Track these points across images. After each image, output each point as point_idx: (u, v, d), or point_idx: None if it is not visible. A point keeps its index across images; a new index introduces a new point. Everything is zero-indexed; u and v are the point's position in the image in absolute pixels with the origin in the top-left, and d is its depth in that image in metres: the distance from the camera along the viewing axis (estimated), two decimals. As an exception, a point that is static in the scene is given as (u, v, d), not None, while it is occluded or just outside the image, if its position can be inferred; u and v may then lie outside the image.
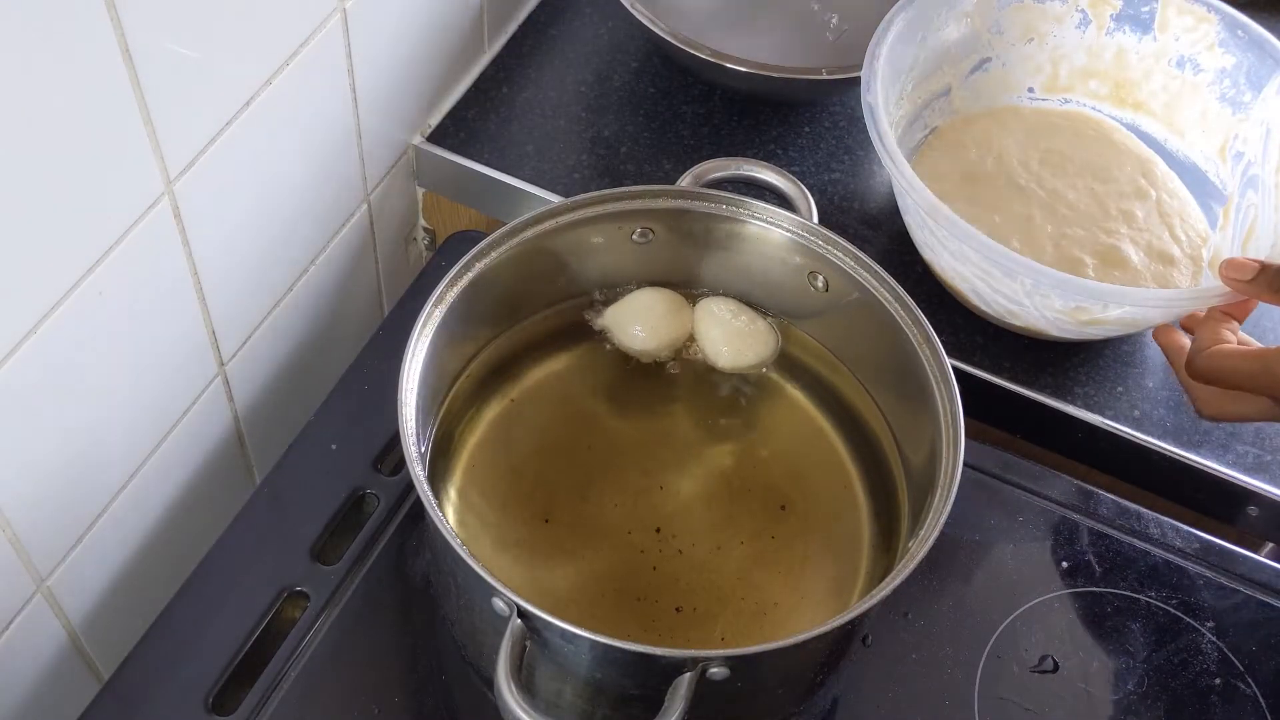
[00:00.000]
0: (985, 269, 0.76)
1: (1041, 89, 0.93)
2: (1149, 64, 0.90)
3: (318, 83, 0.75)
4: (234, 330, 0.77)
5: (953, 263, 0.79)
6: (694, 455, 0.74)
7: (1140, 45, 0.89)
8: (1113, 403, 0.82)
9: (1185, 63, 0.88)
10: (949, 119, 0.92)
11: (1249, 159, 0.85)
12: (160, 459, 0.75)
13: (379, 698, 0.69)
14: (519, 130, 0.92)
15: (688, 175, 0.75)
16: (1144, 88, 0.91)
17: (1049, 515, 0.79)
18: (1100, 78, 0.92)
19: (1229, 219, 0.86)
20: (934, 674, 0.72)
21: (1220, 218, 0.87)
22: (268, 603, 0.71)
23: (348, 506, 0.75)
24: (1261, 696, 0.72)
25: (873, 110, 0.78)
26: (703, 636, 0.67)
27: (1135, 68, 0.90)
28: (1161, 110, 0.91)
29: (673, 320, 0.76)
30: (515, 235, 0.70)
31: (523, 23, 0.98)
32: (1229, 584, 0.77)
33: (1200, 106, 0.88)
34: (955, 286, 0.82)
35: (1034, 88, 0.93)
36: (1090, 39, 0.90)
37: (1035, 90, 0.93)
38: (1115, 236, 0.85)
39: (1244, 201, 0.85)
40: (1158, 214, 0.87)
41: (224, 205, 0.71)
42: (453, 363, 0.71)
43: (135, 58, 0.59)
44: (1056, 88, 0.93)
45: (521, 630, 0.57)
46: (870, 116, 0.78)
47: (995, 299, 0.79)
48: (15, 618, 0.68)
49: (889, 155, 0.76)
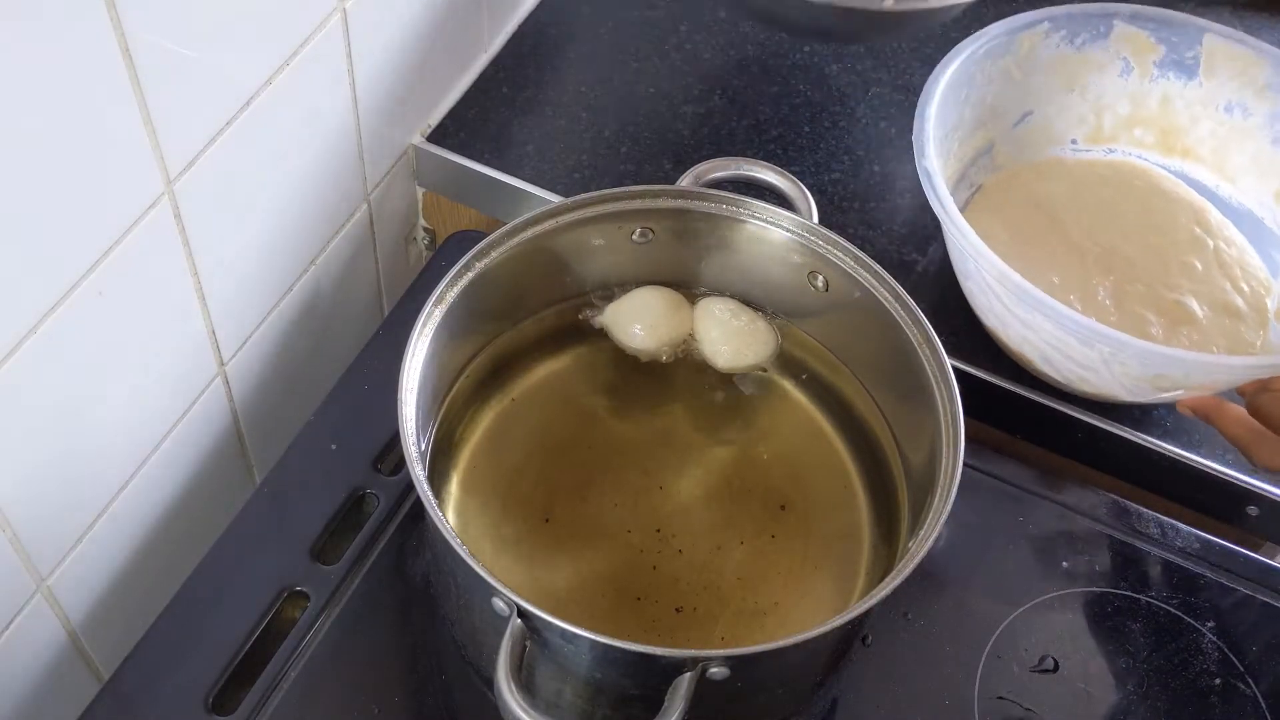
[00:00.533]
0: (1060, 337, 0.74)
1: (1085, 140, 0.91)
2: (1196, 110, 0.88)
3: (318, 83, 0.75)
4: (234, 330, 0.77)
5: (1023, 331, 0.76)
6: (694, 455, 0.74)
7: (1185, 91, 0.87)
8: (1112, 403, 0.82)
9: (1234, 107, 0.86)
10: (993, 175, 0.89)
11: None
12: (160, 459, 0.75)
13: (379, 698, 0.69)
14: (519, 130, 0.92)
15: (688, 175, 0.75)
16: (1191, 134, 0.89)
17: (1049, 515, 0.79)
18: (1145, 125, 0.90)
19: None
20: (934, 674, 0.72)
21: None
22: (268, 603, 0.71)
23: (348, 506, 0.75)
24: (1261, 696, 0.72)
25: (930, 176, 0.76)
26: (703, 636, 0.67)
27: (1182, 114, 0.88)
28: (1210, 156, 0.89)
29: (672, 319, 0.76)
30: (515, 235, 0.70)
31: (523, 22, 0.98)
32: (1229, 584, 0.77)
33: (1252, 150, 0.86)
34: (1020, 352, 0.79)
35: (1077, 139, 0.91)
36: (1134, 86, 0.88)
37: (1079, 141, 0.91)
38: (1177, 291, 0.83)
39: None
40: (1217, 264, 0.85)
41: (224, 205, 0.71)
42: (453, 363, 0.71)
43: (135, 58, 0.59)
44: (1101, 138, 0.91)
45: (521, 630, 0.57)
46: (928, 182, 0.75)
47: (1068, 366, 0.76)
48: (15, 618, 0.68)
49: (952, 222, 0.74)
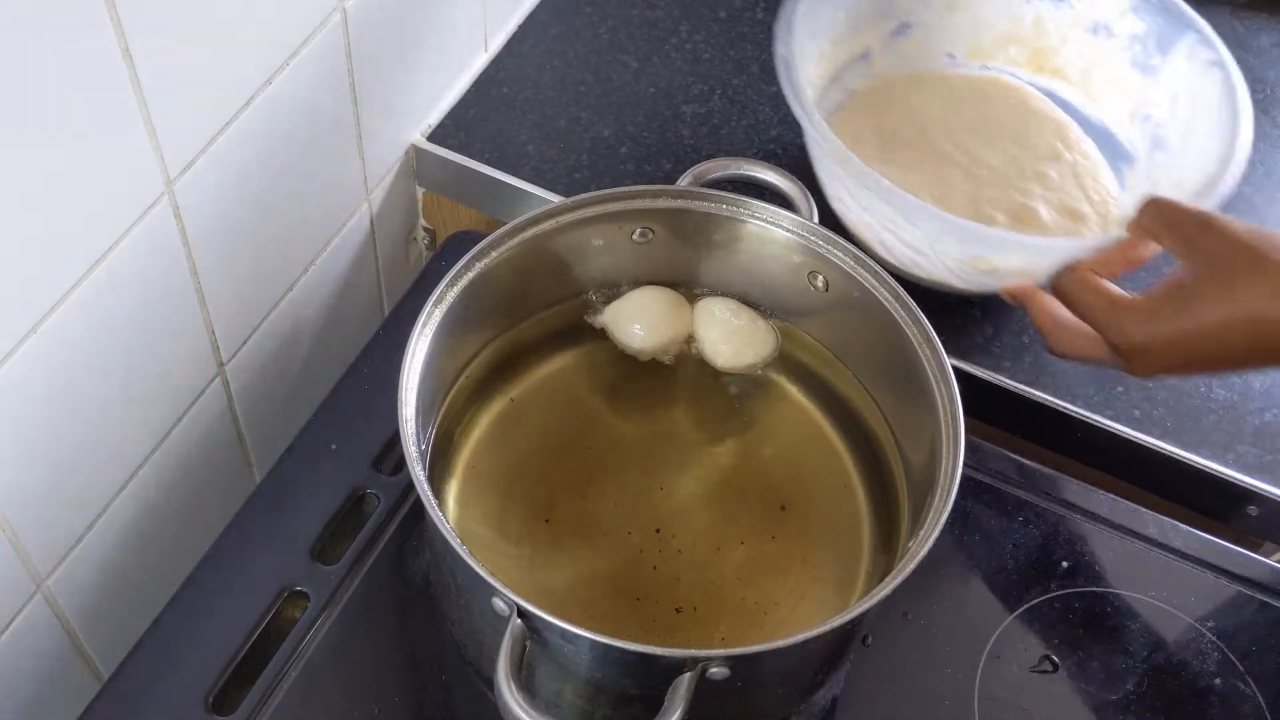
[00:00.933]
0: (891, 217, 0.77)
1: (963, 55, 0.94)
2: (1065, 30, 0.91)
3: (318, 83, 0.75)
4: (234, 330, 0.77)
5: (861, 214, 0.80)
6: (694, 455, 0.74)
7: (1057, 13, 0.91)
8: (1113, 403, 0.82)
9: (1100, 29, 0.89)
10: (869, 82, 0.92)
11: (1156, 121, 0.87)
12: (160, 459, 0.75)
13: (379, 698, 0.69)
14: (519, 130, 0.92)
15: (688, 175, 0.75)
16: (1061, 54, 0.92)
17: (1049, 515, 0.79)
18: (1020, 44, 0.93)
19: (1136, 179, 0.88)
20: (934, 674, 0.72)
21: (1129, 178, 0.89)
22: (268, 603, 0.71)
23: (348, 506, 0.75)
24: (1261, 696, 0.72)
25: (788, 63, 0.77)
26: (703, 636, 0.67)
27: (1053, 34, 0.92)
28: (1078, 76, 0.92)
29: (672, 319, 0.76)
30: (515, 235, 0.70)
31: (523, 22, 0.98)
32: (1229, 584, 0.77)
33: (1113, 72, 0.90)
34: (864, 238, 0.82)
35: (955, 54, 0.94)
36: (1011, 6, 0.92)
37: (957, 57, 0.94)
38: (1029, 196, 0.87)
39: (1151, 162, 0.87)
40: (1071, 175, 0.89)
41: (224, 205, 0.71)
42: (453, 363, 0.71)
43: (135, 58, 0.59)
44: (978, 54, 0.94)
45: (521, 630, 0.57)
46: (784, 69, 0.77)
47: (900, 248, 0.79)
48: (15, 618, 0.68)
49: (801, 106, 0.76)
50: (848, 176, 0.76)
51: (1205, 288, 0.65)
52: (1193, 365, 0.67)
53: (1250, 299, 0.63)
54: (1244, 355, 0.65)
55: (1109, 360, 0.70)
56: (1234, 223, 0.66)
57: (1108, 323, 0.68)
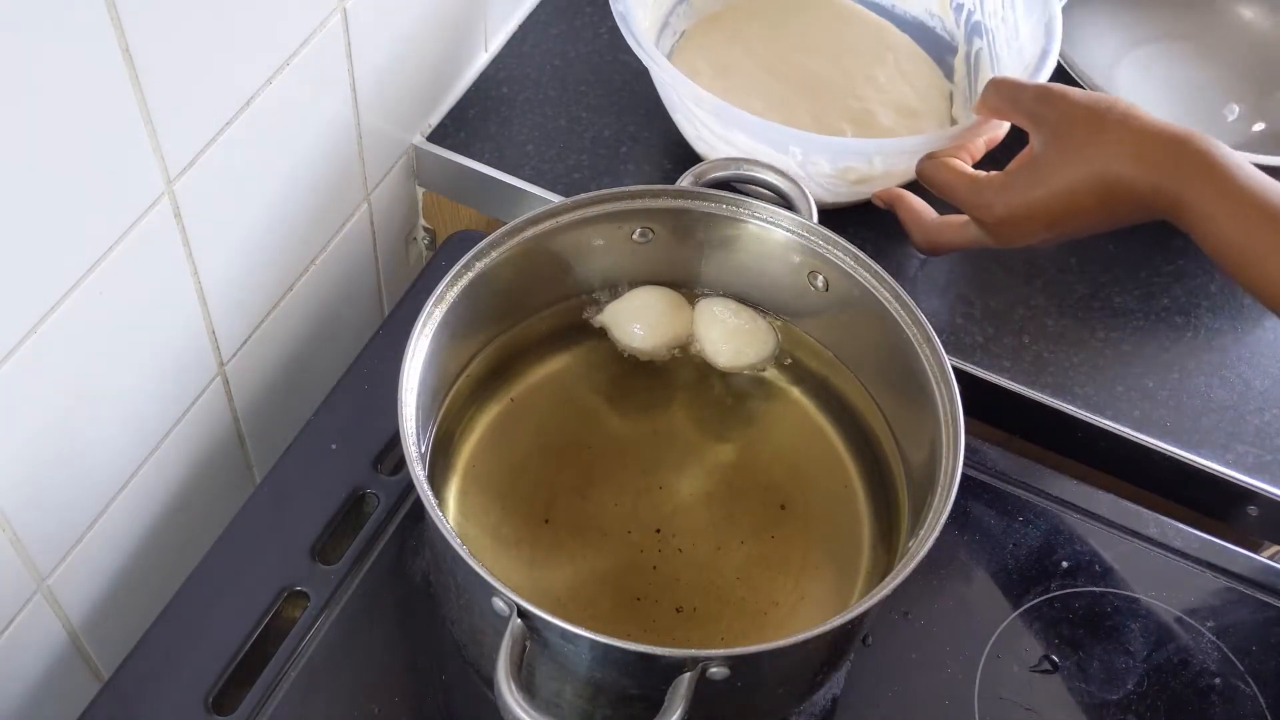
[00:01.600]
0: (758, 149, 0.80)
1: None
2: None
3: (318, 82, 0.75)
4: (234, 330, 0.77)
5: (728, 151, 0.82)
6: (694, 455, 0.74)
7: None
8: (1113, 403, 0.82)
9: None
10: (694, 21, 0.95)
11: (968, 8, 0.91)
12: (160, 459, 0.75)
13: (379, 698, 0.69)
14: (519, 130, 0.92)
15: (688, 175, 0.75)
16: None
17: (1049, 515, 0.79)
18: None
19: (961, 68, 0.91)
20: (934, 674, 0.72)
21: (955, 68, 0.92)
22: (268, 602, 0.71)
23: (348, 506, 0.75)
24: (1261, 696, 0.72)
25: (625, 18, 0.81)
26: (703, 636, 0.67)
27: None
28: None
29: (672, 319, 0.76)
30: (515, 235, 0.70)
31: (523, 22, 0.98)
32: (1229, 584, 0.77)
33: None
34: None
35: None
36: None
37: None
38: (866, 101, 0.91)
39: (971, 49, 0.90)
40: (898, 74, 0.93)
41: (224, 205, 0.71)
42: (453, 363, 0.71)
43: (135, 58, 0.59)
44: None
45: (521, 630, 0.57)
46: (623, 24, 0.81)
47: None
48: (15, 618, 0.68)
49: (648, 54, 0.80)
50: (708, 115, 0.78)
51: (1053, 155, 0.70)
52: (1054, 230, 0.72)
53: (1093, 159, 0.68)
54: (1096, 215, 0.70)
55: (977, 240, 0.75)
56: (1072, 91, 0.71)
57: (970, 199, 0.73)
